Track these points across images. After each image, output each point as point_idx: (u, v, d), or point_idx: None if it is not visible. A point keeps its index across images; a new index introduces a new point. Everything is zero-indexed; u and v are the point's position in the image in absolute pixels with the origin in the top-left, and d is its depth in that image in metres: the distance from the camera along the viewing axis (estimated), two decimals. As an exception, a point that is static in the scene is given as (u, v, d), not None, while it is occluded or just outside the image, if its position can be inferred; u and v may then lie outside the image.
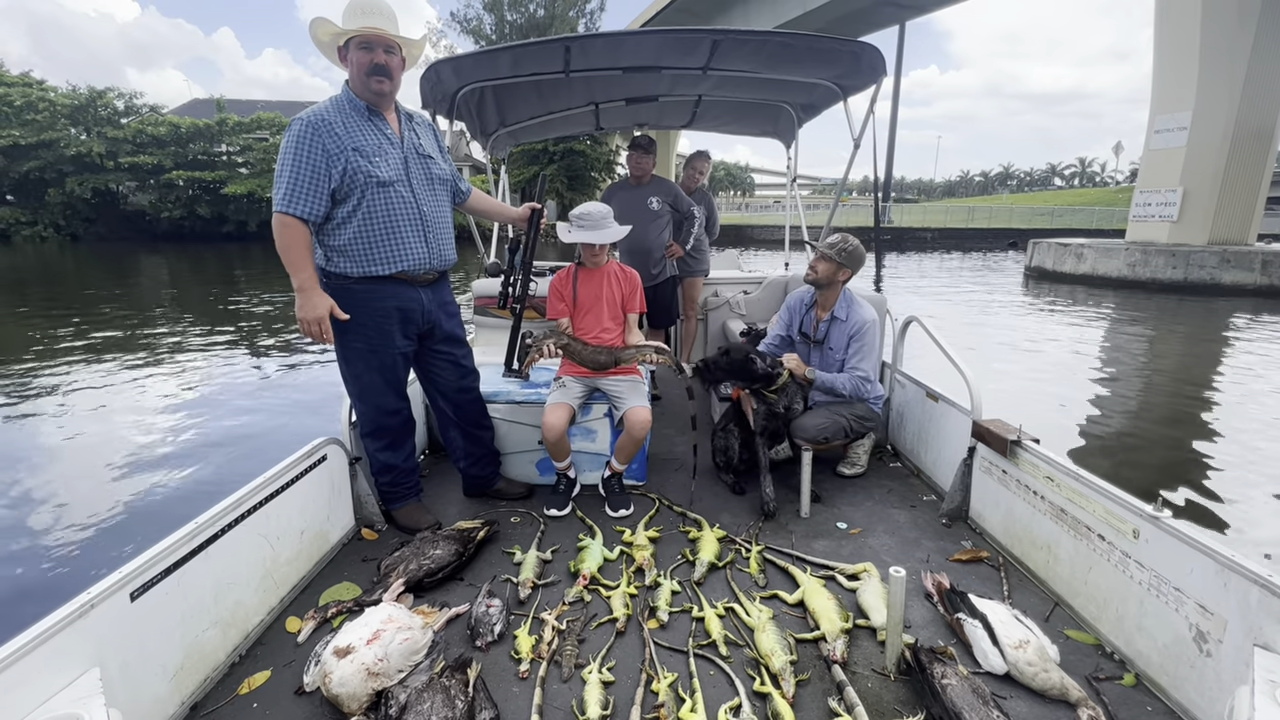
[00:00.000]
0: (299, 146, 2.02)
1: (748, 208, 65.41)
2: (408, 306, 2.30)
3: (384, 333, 2.28)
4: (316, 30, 2.12)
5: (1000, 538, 2.41)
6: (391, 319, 2.28)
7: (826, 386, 2.81)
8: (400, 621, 1.76)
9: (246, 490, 1.89)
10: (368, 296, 2.22)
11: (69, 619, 1.31)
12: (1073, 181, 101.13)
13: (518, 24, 36.25)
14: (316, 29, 2.11)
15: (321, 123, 2.05)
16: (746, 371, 2.70)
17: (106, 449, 5.01)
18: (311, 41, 2.19)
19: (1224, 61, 14.53)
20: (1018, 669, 1.68)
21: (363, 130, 2.12)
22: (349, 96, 2.14)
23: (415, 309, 2.32)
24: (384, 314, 2.26)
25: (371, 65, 2.09)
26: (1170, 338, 10.14)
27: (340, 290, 2.19)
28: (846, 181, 4.39)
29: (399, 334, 2.31)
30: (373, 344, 2.28)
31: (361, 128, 2.12)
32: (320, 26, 2.10)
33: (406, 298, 2.29)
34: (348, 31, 2.07)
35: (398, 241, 2.20)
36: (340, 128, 2.08)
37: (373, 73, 2.09)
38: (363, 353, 2.29)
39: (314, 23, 2.11)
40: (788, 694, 1.64)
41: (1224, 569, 1.50)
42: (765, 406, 2.75)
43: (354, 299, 2.20)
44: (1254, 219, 16.01)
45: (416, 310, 2.33)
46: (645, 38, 3.10)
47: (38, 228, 28.58)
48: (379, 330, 2.27)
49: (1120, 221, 24.16)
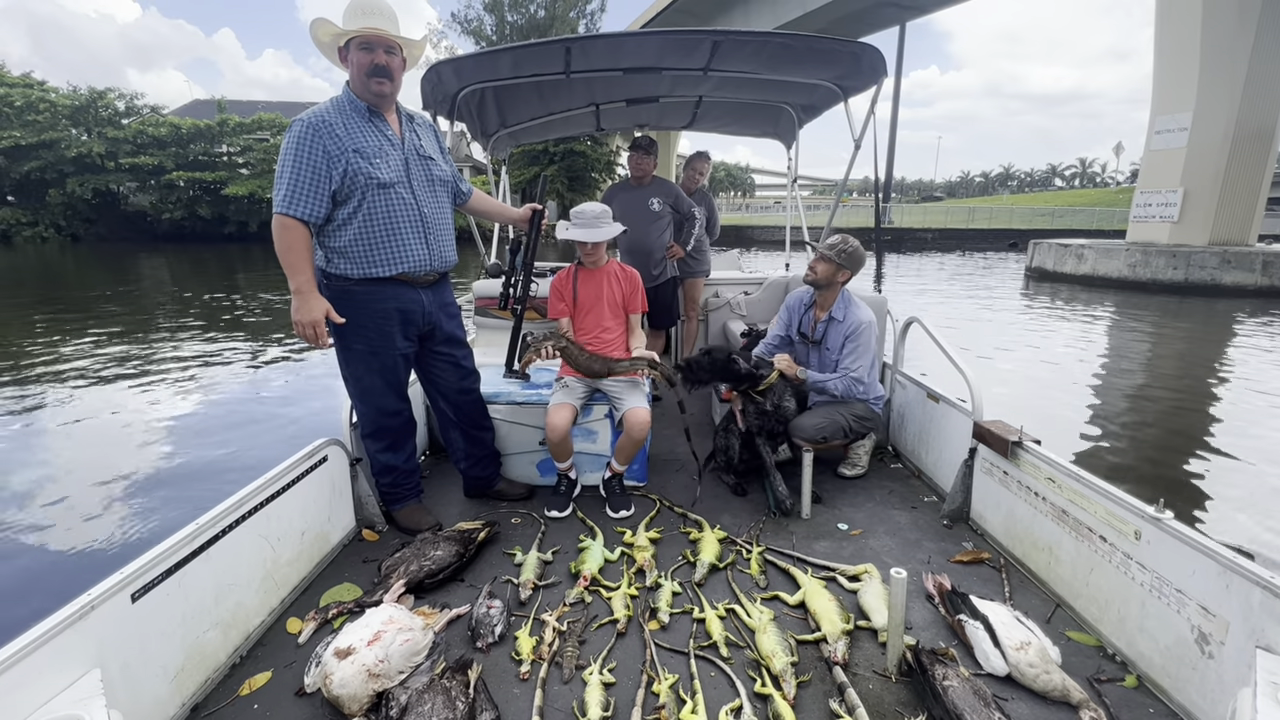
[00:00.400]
0: (299, 148, 2.02)
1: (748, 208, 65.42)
2: (408, 308, 2.29)
3: (385, 334, 2.28)
4: (317, 31, 2.12)
5: (1001, 539, 2.40)
6: (392, 320, 2.27)
7: (818, 387, 2.81)
8: (401, 623, 1.76)
9: (247, 491, 1.89)
10: (368, 298, 2.22)
11: (70, 620, 1.31)
12: (1073, 182, 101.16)
13: (518, 25, 36.29)
14: (317, 29, 2.11)
15: (322, 124, 2.05)
16: (729, 372, 2.71)
17: (107, 450, 5.01)
18: (312, 42, 2.19)
19: (1225, 62, 14.52)
20: (1019, 670, 1.68)
21: (363, 131, 2.12)
22: (349, 97, 2.14)
23: (416, 310, 2.32)
24: (385, 315, 2.25)
25: (372, 66, 2.08)
26: (1171, 339, 10.13)
27: (341, 292, 2.19)
28: (847, 182, 4.39)
29: (400, 336, 2.31)
30: (373, 346, 2.28)
31: (362, 129, 2.12)
32: (320, 27, 2.10)
33: (407, 299, 2.28)
34: (348, 32, 2.07)
35: (398, 243, 2.20)
36: (341, 129, 2.07)
37: (373, 74, 2.09)
38: (363, 355, 2.29)
39: (315, 23, 2.11)
40: (789, 695, 1.63)
41: (1226, 570, 1.50)
42: (754, 406, 2.76)
43: (355, 301, 2.20)
44: (1255, 220, 16.00)
45: (417, 312, 2.32)
46: (646, 39, 3.10)
47: (39, 228, 28.62)
48: (380, 332, 2.27)
49: (1121, 222, 24.16)
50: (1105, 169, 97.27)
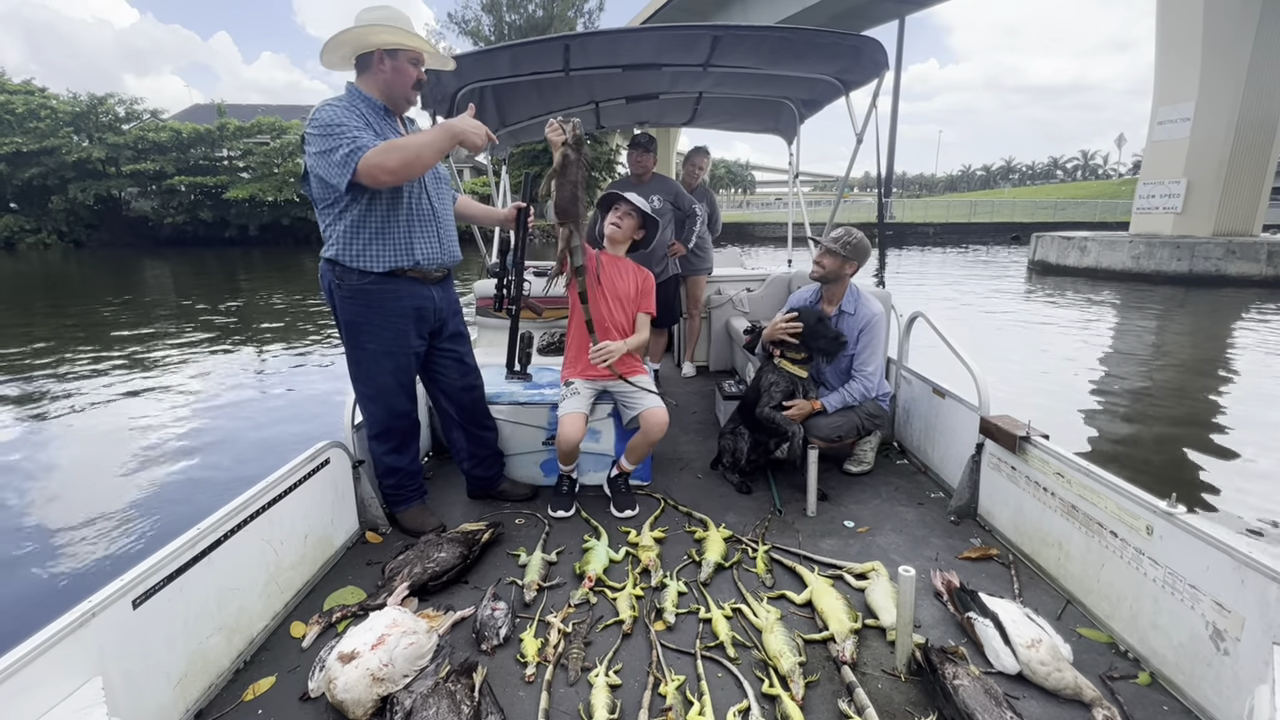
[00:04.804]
0: (346, 114, 2.03)
1: (749, 205, 65.27)
2: (422, 305, 2.32)
3: (399, 333, 2.29)
4: (383, 35, 2.09)
5: (1010, 535, 2.38)
6: (408, 319, 2.29)
7: (840, 407, 2.79)
8: (405, 626, 1.74)
9: (249, 495, 1.88)
10: (383, 297, 2.23)
11: (70, 627, 1.30)
12: (1075, 175, 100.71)
13: (516, 25, 36.19)
14: (383, 35, 2.09)
15: (351, 106, 2.09)
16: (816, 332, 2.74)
17: (108, 455, 5.01)
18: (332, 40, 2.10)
19: (1227, 51, 14.43)
20: (1030, 668, 1.66)
21: (381, 125, 2.15)
22: (364, 97, 2.15)
23: (428, 307, 2.34)
24: (400, 314, 2.27)
25: (417, 80, 2.21)
26: (1177, 330, 10.08)
27: (356, 292, 2.20)
28: (849, 177, 4.37)
29: (414, 334, 2.33)
30: (388, 345, 2.29)
31: (379, 124, 2.15)
32: (390, 34, 2.09)
33: (421, 296, 2.31)
34: (408, 46, 2.13)
35: (415, 235, 2.23)
36: (360, 119, 2.10)
37: (417, 86, 2.22)
38: (377, 354, 2.30)
39: (380, 29, 2.08)
40: (797, 696, 1.61)
41: (1241, 566, 1.48)
42: (785, 383, 2.76)
43: (370, 300, 2.21)
44: (1259, 210, 15.91)
45: (429, 309, 2.35)
46: (645, 35, 3.08)
47: (41, 235, 28.66)
48: (394, 331, 2.28)
49: (1123, 214, 24.02)
50: (1107, 161, 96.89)
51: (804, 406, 2.74)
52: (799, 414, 2.73)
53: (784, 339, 2.78)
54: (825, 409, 2.77)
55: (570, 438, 2.53)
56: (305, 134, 2.07)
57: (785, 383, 2.78)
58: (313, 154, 2.03)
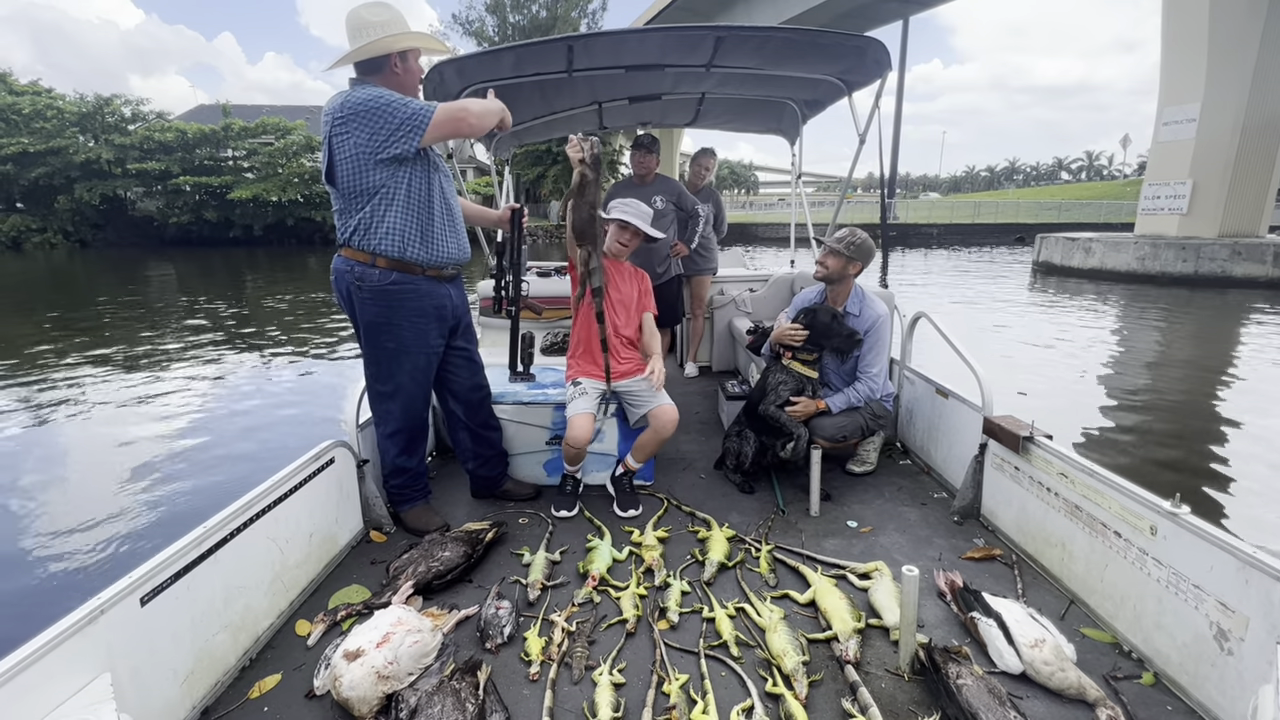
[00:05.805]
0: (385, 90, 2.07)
1: (751, 206, 65.22)
2: (441, 304, 2.34)
3: (420, 333, 2.31)
4: (405, 41, 2.13)
5: (1013, 535, 2.38)
6: (429, 318, 2.31)
7: (844, 408, 2.80)
8: (410, 624, 1.75)
9: (255, 494, 1.89)
10: (404, 297, 2.24)
11: (79, 624, 1.31)
12: (1080, 175, 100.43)
13: (520, 25, 36.23)
14: (405, 40, 2.12)
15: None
16: (829, 330, 2.76)
17: (115, 454, 5.04)
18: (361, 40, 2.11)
19: (1233, 51, 14.38)
20: (1034, 668, 1.66)
21: None
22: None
23: (447, 306, 2.37)
24: (421, 313, 2.29)
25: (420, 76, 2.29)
26: (1183, 331, 10.04)
27: (378, 293, 2.21)
28: (852, 177, 4.37)
29: (434, 333, 2.35)
30: (408, 345, 2.31)
31: None
32: (411, 39, 2.13)
33: (440, 295, 2.33)
34: (429, 48, 2.21)
35: (439, 228, 2.26)
36: None
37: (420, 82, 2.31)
38: (398, 354, 2.31)
39: (405, 36, 2.12)
40: (800, 695, 1.62)
41: (1245, 566, 1.48)
42: (794, 383, 2.78)
43: (391, 300, 2.22)
44: (1265, 211, 15.84)
45: (448, 308, 2.38)
46: (648, 36, 3.09)
47: (47, 234, 28.78)
48: (416, 331, 2.30)
49: (1128, 215, 23.94)
50: (1112, 161, 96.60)
51: (808, 405, 2.75)
52: (803, 412, 2.73)
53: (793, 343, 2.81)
54: (830, 409, 2.78)
55: (580, 437, 2.54)
56: (337, 120, 2.02)
57: (794, 382, 2.79)
58: (358, 135, 2.02)
